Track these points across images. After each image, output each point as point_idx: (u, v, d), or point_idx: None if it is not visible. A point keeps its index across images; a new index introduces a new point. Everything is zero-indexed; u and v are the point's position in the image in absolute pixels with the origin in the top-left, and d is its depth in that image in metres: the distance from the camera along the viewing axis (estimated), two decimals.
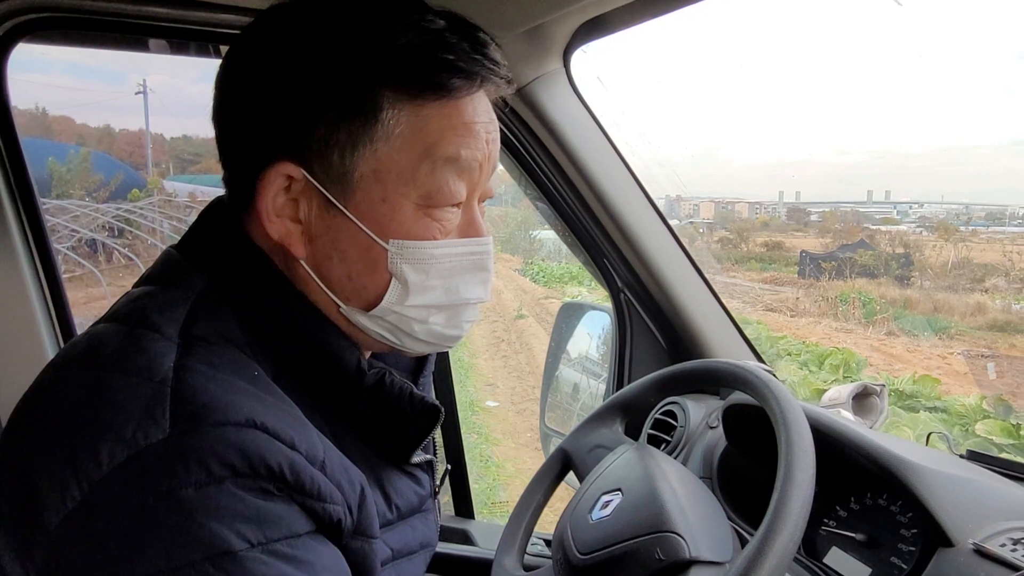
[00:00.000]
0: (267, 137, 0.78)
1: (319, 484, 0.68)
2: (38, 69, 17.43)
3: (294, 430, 0.68)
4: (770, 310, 11.06)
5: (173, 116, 11.59)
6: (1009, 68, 31.34)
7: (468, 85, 0.78)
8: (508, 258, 17.02)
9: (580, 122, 1.49)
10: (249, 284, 0.80)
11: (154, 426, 0.62)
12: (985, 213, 14.36)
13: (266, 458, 0.64)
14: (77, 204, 11.86)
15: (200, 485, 0.61)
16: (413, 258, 0.79)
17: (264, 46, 0.79)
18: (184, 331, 0.72)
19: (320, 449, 0.71)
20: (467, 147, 0.79)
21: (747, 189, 36.69)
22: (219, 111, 0.81)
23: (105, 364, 0.69)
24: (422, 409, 0.85)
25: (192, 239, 0.84)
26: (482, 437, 7.51)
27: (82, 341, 0.74)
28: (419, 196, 0.78)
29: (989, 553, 0.91)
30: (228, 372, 0.70)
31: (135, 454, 0.61)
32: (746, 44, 35.98)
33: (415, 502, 0.91)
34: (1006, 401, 6.44)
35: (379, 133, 0.76)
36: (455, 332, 0.87)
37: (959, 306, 9.84)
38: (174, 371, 0.67)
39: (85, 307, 8.07)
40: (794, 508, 0.80)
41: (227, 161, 0.83)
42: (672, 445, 1.40)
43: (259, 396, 0.70)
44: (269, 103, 0.77)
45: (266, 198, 0.77)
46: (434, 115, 0.77)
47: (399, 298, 0.81)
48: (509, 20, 1.24)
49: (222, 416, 0.64)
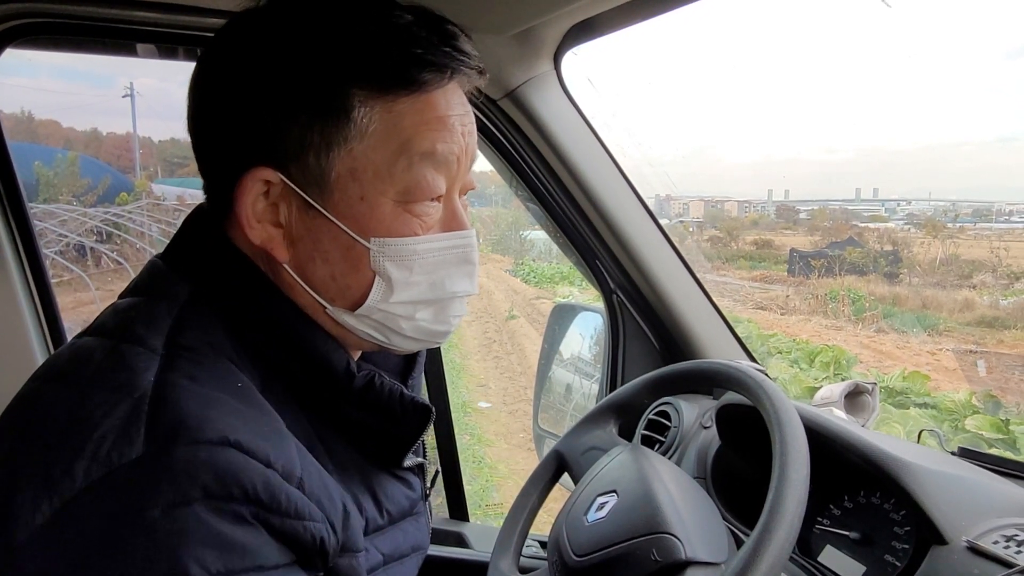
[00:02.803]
0: (242, 143, 0.77)
1: (296, 502, 0.67)
2: (25, 73, 17.25)
3: (272, 446, 0.67)
4: (760, 308, 11.10)
5: (161, 119, 11.48)
6: (995, 65, 31.60)
7: (439, 78, 0.78)
8: (499, 259, 17.01)
9: (571, 124, 1.50)
10: (234, 291, 0.79)
11: (129, 445, 0.62)
12: (972, 210, 14.45)
13: (240, 478, 0.63)
14: (64, 208, 11.77)
15: (169, 507, 0.60)
16: (395, 255, 0.79)
17: (233, 51, 0.79)
18: (169, 341, 0.72)
19: (298, 465, 0.69)
20: (442, 141, 0.78)
21: (736, 188, 36.80)
22: (193, 119, 0.81)
23: (86, 380, 0.68)
24: (413, 410, 0.84)
25: (176, 247, 0.84)
26: (475, 438, 7.51)
27: (65, 354, 0.74)
28: (397, 193, 0.78)
29: (982, 550, 0.92)
30: (210, 384, 0.69)
31: (108, 473, 0.61)
32: (735, 44, 36.10)
33: (406, 506, 0.91)
34: (995, 396, 6.49)
35: (352, 132, 0.75)
36: (443, 327, 0.87)
37: (947, 302, 9.90)
38: (154, 386, 0.66)
39: (73, 312, 8.01)
40: (789, 507, 0.80)
41: (205, 169, 0.82)
42: (666, 446, 1.40)
43: (239, 410, 0.69)
44: (241, 109, 0.76)
45: (245, 204, 0.77)
46: (407, 111, 0.77)
47: (384, 296, 0.80)
48: (500, 23, 1.25)
49: (196, 434, 0.63)
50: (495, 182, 11.41)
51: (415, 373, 0.98)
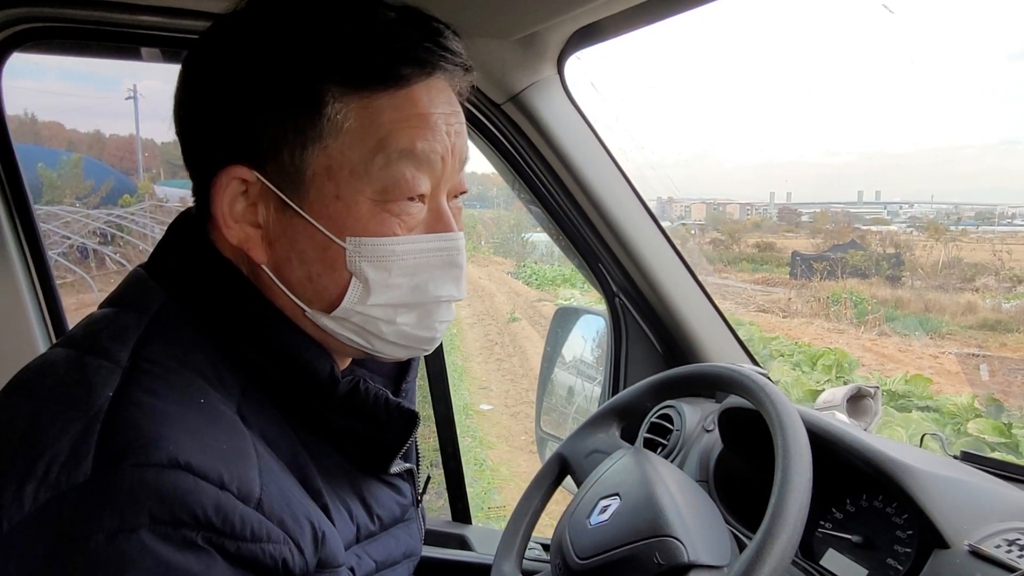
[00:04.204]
0: (219, 140, 0.77)
1: (251, 524, 0.64)
2: (31, 76, 17.27)
3: (227, 465, 0.65)
4: (762, 311, 11.09)
5: (164, 121, 11.49)
6: (997, 68, 31.56)
7: (419, 73, 0.76)
8: (501, 261, 17.02)
9: (574, 128, 1.50)
10: (214, 294, 0.78)
11: (76, 468, 0.61)
12: (975, 213, 14.43)
13: (189, 503, 0.61)
14: (67, 210, 11.79)
15: (112, 533, 0.58)
16: (372, 255, 0.77)
17: (212, 51, 0.78)
18: (134, 354, 0.70)
19: (257, 485, 0.67)
20: (423, 139, 0.77)
21: (738, 190, 36.80)
22: (177, 119, 0.81)
23: (45, 395, 0.67)
24: (399, 416, 0.83)
25: (159, 255, 0.83)
26: (476, 441, 7.50)
27: (34, 365, 0.73)
28: (374, 191, 0.76)
29: (984, 554, 0.92)
30: (171, 399, 0.68)
31: (55, 496, 0.60)
32: (738, 48, 36.13)
33: (397, 512, 0.90)
34: (997, 400, 6.48)
35: (327, 129, 0.74)
36: (427, 333, 0.84)
37: (950, 305, 9.88)
38: (111, 403, 0.65)
39: (76, 313, 7.89)
40: (792, 511, 0.81)
41: (189, 169, 0.82)
42: (668, 449, 1.40)
43: (197, 427, 0.67)
44: (219, 106, 0.76)
45: (221, 203, 0.76)
46: (385, 107, 0.75)
47: (360, 297, 0.78)
48: (504, 27, 1.25)
49: (143, 456, 0.61)
50: (497, 184, 11.41)
51: (408, 379, 0.96)
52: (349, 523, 0.81)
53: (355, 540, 0.82)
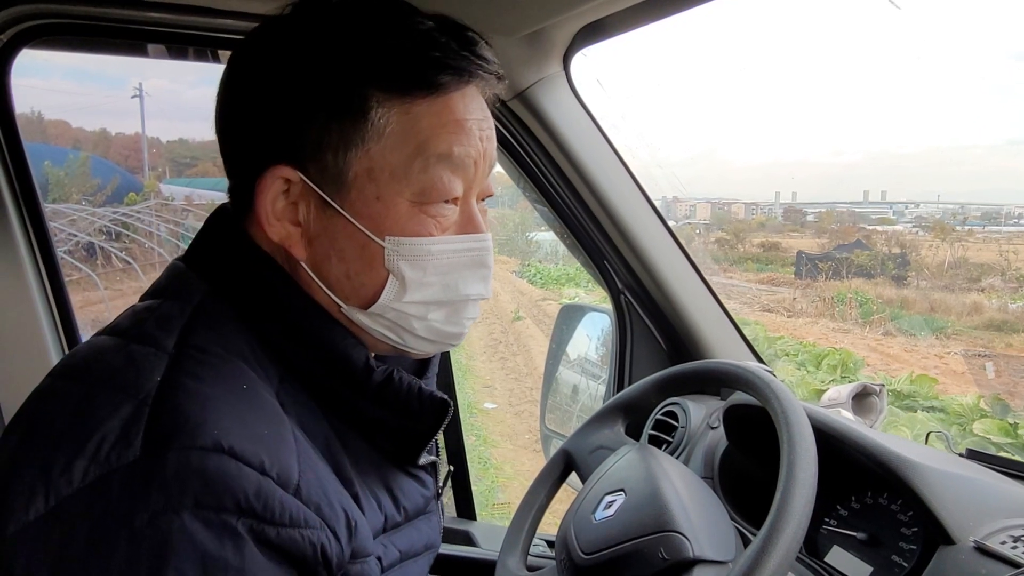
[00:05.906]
0: (263, 142, 0.79)
1: (290, 510, 0.67)
2: (38, 74, 17.34)
3: (268, 450, 0.67)
4: (767, 310, 11.07)
5: (169, 120, 11.45)
6: (1004, 68, 31.43)
7: (457, 81, 0.79)
8: (505, 260, 17.02)
9: (580, 125, 1.50)
10: (254, 286, 0.80)
11: (127, 448, 0.63)
12: (981, 213, 14.41)
13: (232, 487, 0.63)
14: (74, 208, 11.84)
15: (156, 513, 0.60)
16: (409, 254, 0.80)
17: (258, 54, 0.81)
18: (180, 341, 0.73)
19: (296, 471, 0.69)
20: (459, 144, 0.79)
21: (744, 190, 36.73)
22: (220, 119, 0.83)
23: (96, 379, 0.69)
24: (431, 405, 0.85)
25: (197, 248, 0.85)
26: (480, 439, 7.50)
27: (81, 351, 0.75)
28: (413, 193, 0.79)
29: (990, 551, 0.91)
30: (215, 384, 0.70)
31: (105, 474, 0.61)
32: (744, 46, 36.04)
33: (421, 504, 0.92)
34: (1003, 400, 6.46)
35: (370, 132, 0.77)
36: (456, 329, 0.88)
37: (956, 306, 9.87)
38: (158, 387, 0.67)
39: (82, 311, 8.04)
40: (797, 507, 0.81)
41: (229, 168, 0.84)
42: (673, 445, 1.40)
43: (240, 412, 0.69)
44: (264, 108, 0.78)
45: (265, 202, 0.79)
46: (424, 113, 0.78)
47: (397, 295, 0.81)
48: (510, 24, 1.25)
49: (189, 440, 0.63)
50: (502, 183, 11.37)
51: (429, 374, 0.98)
52: (378, 512, 0.83)
53: (382, 530, 0.84)
